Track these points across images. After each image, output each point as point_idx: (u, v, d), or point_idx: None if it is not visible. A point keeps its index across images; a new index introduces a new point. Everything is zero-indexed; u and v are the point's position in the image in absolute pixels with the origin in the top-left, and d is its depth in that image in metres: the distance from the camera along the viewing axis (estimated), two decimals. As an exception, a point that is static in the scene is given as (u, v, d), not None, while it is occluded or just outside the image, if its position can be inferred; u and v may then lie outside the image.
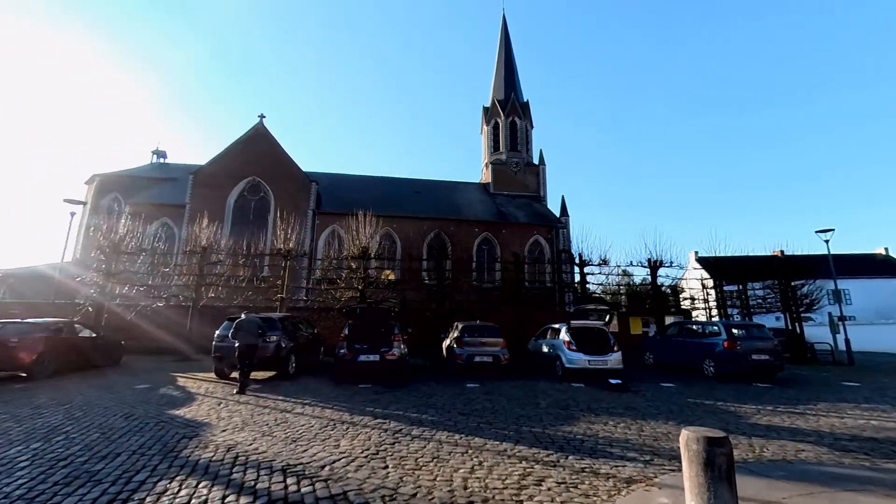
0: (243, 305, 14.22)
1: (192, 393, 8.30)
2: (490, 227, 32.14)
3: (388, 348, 9.80)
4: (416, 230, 30.47)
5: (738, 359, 11.05)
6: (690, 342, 12.57)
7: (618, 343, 10.84)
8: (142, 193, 28.60)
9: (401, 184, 36.87)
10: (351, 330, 10.26)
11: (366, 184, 35.12)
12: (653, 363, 13.90)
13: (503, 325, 17.42)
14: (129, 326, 14.17)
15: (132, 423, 6.00)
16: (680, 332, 13.45)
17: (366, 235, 15.11)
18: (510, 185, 37.98)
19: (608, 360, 10.41)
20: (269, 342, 9.79)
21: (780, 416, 7.13)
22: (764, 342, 11.38)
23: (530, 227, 32.98)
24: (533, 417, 6.69)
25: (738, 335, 11.69)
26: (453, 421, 6.37)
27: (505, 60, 42.45)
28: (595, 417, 6.77)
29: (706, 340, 11.98)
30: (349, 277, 14.56)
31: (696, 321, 14.75)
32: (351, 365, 9.68)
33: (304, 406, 7.26)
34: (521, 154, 39.09)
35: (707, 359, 11.63)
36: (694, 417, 6.89)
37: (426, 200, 34.05)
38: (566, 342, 10.71)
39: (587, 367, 10.35)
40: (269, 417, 6.42)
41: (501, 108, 39.90)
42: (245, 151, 28.89)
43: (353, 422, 6.22)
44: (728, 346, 11.20)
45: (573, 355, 10.47)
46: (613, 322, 18.26)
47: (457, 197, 35.66)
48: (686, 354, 12.50)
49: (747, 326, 12.22)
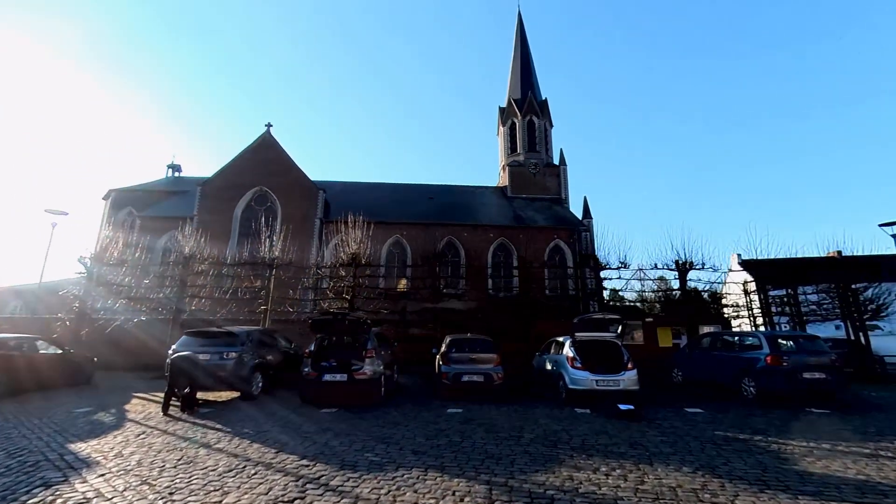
0: (228, 318, 13.47)
1: (125, 419, 7.33)
2: (506, 233, 30.51)
3: (359, 366, 8.54)
4: (427, 237, 29.27)
5: (785, 377, 9.05)
6: (726, 356, 10.60)
7: (633, 359, 9.08)
8: (154, 207, 29.08)
9: (413, 190, 35.94)
10: (319, 345, 9.10)
11: (377, 191, 34.47)
12: (681, 381, 11.93)
13: (514, 336, 15.90)
14: (115, 341, 13.68)
15: (6, 460, 5.01)
16: (714, 344, 11.45)
17: (356, 241, 14.06)
18: (529, 187, 36.26)
19: (620, 381, 8.70)
20: (227, 359, 8.77)
21: (843, 458, 5.30)
22: (818, 356, 9.32)
23: (550, 231, 31.08)
24: (504, 459, 5.21)
25: (784, 348, 9.67)
26: (398, 462, 5.01)
27: (521, 58, 41.08)
28: (585, 460, 5.21)
29: (745, 354, 10.01)
30: (338, 287, 13.53)
31: (733, 331, 12.63)
32: (315, 385, 8.48)
33: (234, 439, 6.09)
34: (541, 154, 37.39)
35: (746, 377, 9.66)
36: (719, 461, 5.20)
37: (439, 206, 32.92)
38: (569, 358, 9.08)
39: (594, 388, 8.68)
40: (176, 456, 5.28)
41: (518, 107, 38.44)
42: (252, 161, 28.88)
43: (271, 463, 4.98)
44: (772, 362, 9.22)
45: (577, 374, 8.82)
46: (638, 333, 16.31)
47: (472, 202, 34.34)
48: (720, 371, 10.53)
49: (796, 338, 10.14)
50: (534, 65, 41.95)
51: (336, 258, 14.78)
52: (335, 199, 31.23)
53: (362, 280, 13.98)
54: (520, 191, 36.00)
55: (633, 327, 15.91)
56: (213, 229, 26.05)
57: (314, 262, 14.89)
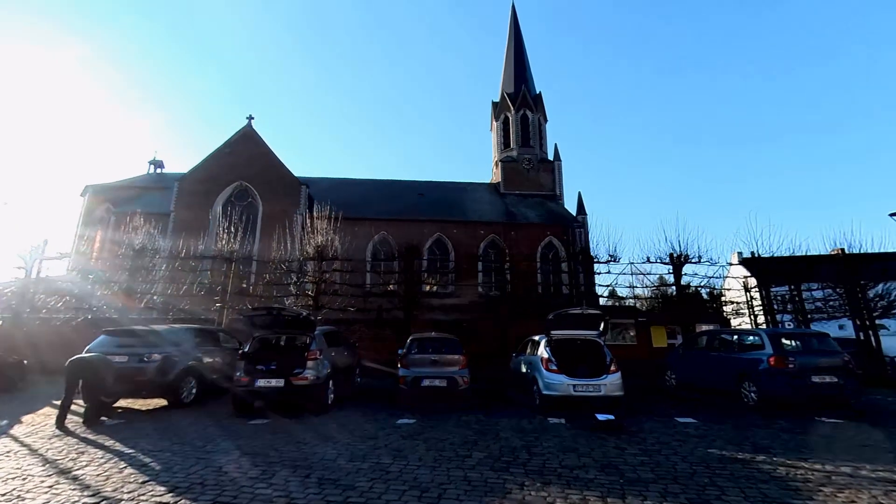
0: (179, 317, 12.32)
1: (2, 434, 6.17)
2: (497, 229, 29.41)
3: (300, 369, 7.39)
4: (416, 234, 28.11)
5: (791, 381, 7.88)
6: (724, 357, 9.43)
7: (617, 361, 7.90)
8: (131, 203, 27.92)
9: (403, 186, 34.82)
10: (255, 346, 7.94)
11: (364, 187, 33.38)
12: (675, 384, 10.75)
13: (494, 336, 14.73)
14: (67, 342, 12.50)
15: None
16: (710, 344, 10.27)
17: (322, 232, 12.91)
18: (522, 183, 35.09)
19: (601, 385, 7.52)
20: (148, 362, 7.62)
21: (870, 488, 4.13)
22: (829, 357, 8.16)
23: (542, 228, 29.99)
24: (431, 490, 4.06)
25: (789, 348, 8.50)
26: (290, 498, 3.85)
27: (515, 51, 39.96)
28: (539, 490, 4.05)
29: (745, 355, 8.84)
30: (303, 282, 12.40)
31: (731, 329, 11.45)
32: (248, 392, 7.33)
33: (109, 462, 4.93)
34: (534, 150, 36.23)
35: (746, 380, 8.48)
36: (712, 492, 4.03)
37: (429, 203, 31.85)
38: (544, 360, 7.91)
39: (571, 394, 7.50)
40: (11, 486, 4.13)
41: (511, 101, 37.32)
42: (232, 155, 27.78)
43: (120, 499, 3.82)
44: (775, 364, 8.05)
45: (552, 378, 7.65)
46: (631, 332, 15.13)
47: (463, 198, 33.22)
48: (718, 374, 9.36)
49: (804, 336, 8.96)
50: (528, 58, 40.84)
51: (302, 252, 13.62)
52: (321, 195, 30.09)
53: (329, 275, 12.85)
54: (513, 187, 34.87)
55: (626, 326, 14.76)
56: (192, 225, 25.09)
57: (274, 256, 13.71)
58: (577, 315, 8.25)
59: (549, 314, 8.33)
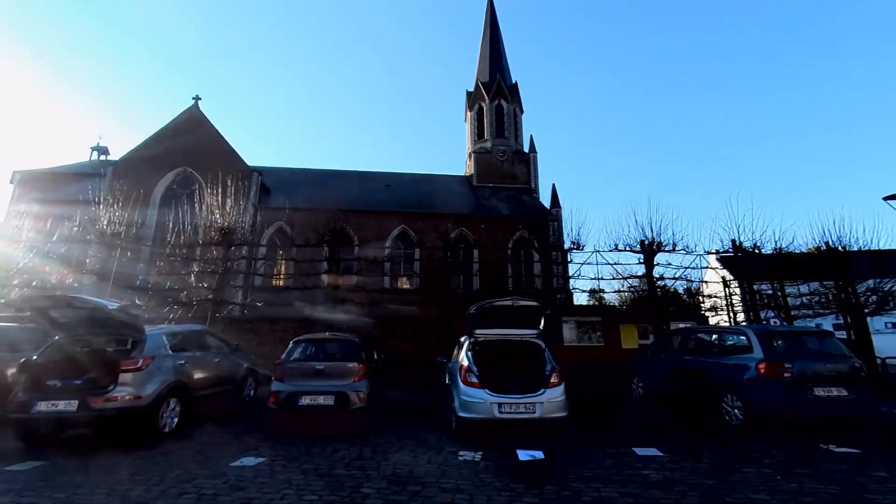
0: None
1: None
2: (466, 222, 27.43)
3: (105, 388, 5.19)
4: (378, 227, 26.19)
5: (787, 394, 6.02)
6: (701, 363, 7.53)
7: (560, 371, 5.88)
8: (63, 191, 25.11)
9: (370, 178, 32.67)
10: (50, 352, 5.70)
11: (326, 178, 31.04)
12: (642, 395, 8.85)
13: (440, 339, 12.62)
14: None
15: None
16: (684, 345, 8.37)
17: (228, 213, 10.70)
18: (496, 176, 33.26)
19: (537, 404, 5.50)
20: None
21: None
22: (835, 362, 6.33)
23: (515, 221, 28.10)
24: None
25: (782, 350, 6.64)
26: None
27: (491, 39, 38.20)
28: None
29: (727, 360, 6.96)
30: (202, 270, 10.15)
31: (710, 327, 9.61)
32: (23, 420, 5.10)
33: None
34: (509, 141, 34.42)
35: (729, 392, 6.60)
36: None
37: (396, 194, 29.75)
38: (462, 369, 5.86)
39: (495, 416, 5.46)
40: None
41: (486, 90, 35.48)
42: (175, 139, 25.22)
43: None
44: (767, 371, 6.18)
45: (471, 395, 5.59)
46: (598, 332, 13.21)
47: (433, 190, 31.17)
48: (694, 383, 7.47)
49: (801, 335, 7.09)
50: (504, 47, 39.12)
51: (205, 234, 11.34)
52: (278, 185, 27.94)
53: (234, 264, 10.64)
54: (486, 180, 33.00)
55: (592, 325, 12.88)
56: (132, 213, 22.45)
57: (169, 240, 11.46)
58: (507, 308, 6.23)
59: (471, 307, 6.30)
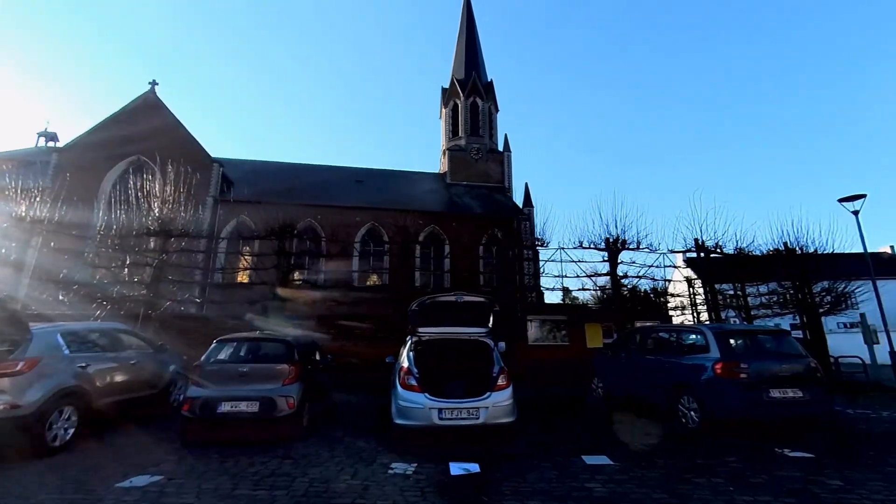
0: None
1: None
2: (437, 220, 26.98)
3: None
4: (347, 222, 25.27)
5: (744, 396, 5.79)
6: (660, 363, 7.26)
7: (507, 372, 5.44)
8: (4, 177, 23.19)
9: (341, 172, 31.72)
10: None
11: (295, 172, 29.96)
12: (602, 396, 8.58)
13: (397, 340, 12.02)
14: None
15: None
16: (644, 344, 8.12)
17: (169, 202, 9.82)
18: (470, 174, 32.90)
19: (480, 409, 5.05)
20: None
21: None
22: (791, 362, 6.15)
23: (487, 220, 27.81)
24: None
25: (740, 350, 6.44)
26: None
27: (467, 36, 37.84)
28: None
29: (684, 360, 6.71)
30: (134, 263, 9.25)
31: (668, 326, 9.47)
32: None
33: None
34: (484, 139, 34.15)
35: (685, 394, 6.34)
36: None
37: (367, 190, 28.95)
38: (402, 371, 5.36)
39: (435, 423, 4.98)
40: None
41: (461, 87, 35.07)
42: (129, 125, 23.71)
43: None
44: (723, 372, 5.94)
45: (409, 399, 5.09)
46: (561, 333, 12.95)
47: (405, 187, 30.54)
48: (650, 385, 7.21)
49: (758, 334, 6.91)
50: (480, 45, 38.84)
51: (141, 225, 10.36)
52: (245, 178, 26.69)
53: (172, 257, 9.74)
54: (460, 177, 32.61)
55: (557, 324, 12.61)
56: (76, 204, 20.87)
57: (98, 229, 10.47)
58: (452, 304, 5.77)
59: (413, 303, 5.80)
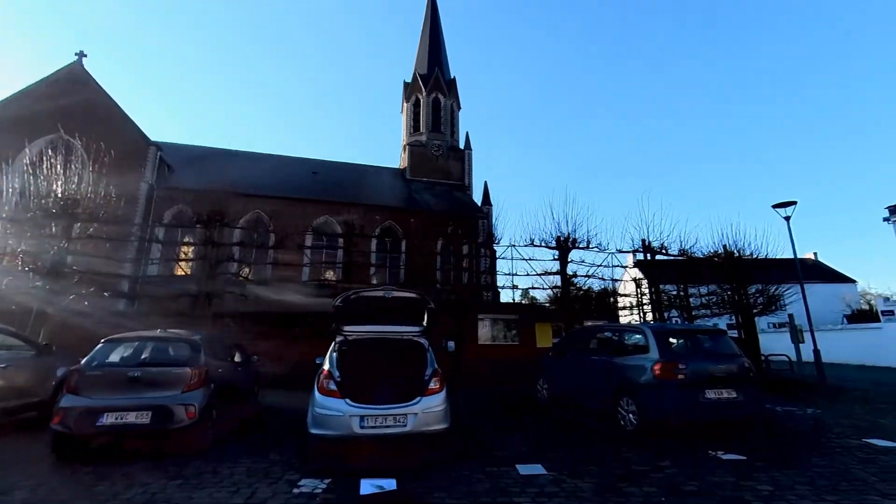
0: None
1: None
2: (395, 216, 26.34)
3: None
4: (298, 214, 24.09)
5: (682, 397, 5.69)
6: (602, 363, 7.11)
7: (441, 375, 5.01)
8: None
9: (294, 163, 30.23)
10: None
11: (245, 160, 28.29)
12: (547, 398, 8.38)
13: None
14: None
15: None
16: (587, 344, 7.99)
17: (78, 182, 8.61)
18: (430, 170, 32.47)
19: (409, 416, 4.58)
20: None
21: None
22: (726, 363, 6.15)
23: (446, 217, 27.42)
24: None
25: (678, 350, 6.38)
26: None
27: (431, 31, 37.36)
28: None
29: (626, 361, 6.57)
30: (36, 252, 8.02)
31: (611, 325, 9.49)
32: None
33: None
34: (445, 136, 33.80)
35: (625, 396, 6.19)
36: None
37: (322, 183, 27.78)
38: (322, 375, 4.79)
39: (355, 433, 4.46)
40: None
41: (424, 82, 34.54)
42: (50, 99, 21.34)
43: None
44: (662, 373, 5.82)
45: (327, 406, 4.52)
46: (511, 332, 12.77)
47: (363, 181, 29.58)
48: (592, 386, 7.05)
49: (696, 334, 6.91)
50: (444, 41, 38.54)
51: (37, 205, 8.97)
52: (188, 164, 24.78)
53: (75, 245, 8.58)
54: (420, 173, 32.09)
55: (507, 323, 12.42)
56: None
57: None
58: (380, 300, 5.27)
59: (337, 298, 5.25)
